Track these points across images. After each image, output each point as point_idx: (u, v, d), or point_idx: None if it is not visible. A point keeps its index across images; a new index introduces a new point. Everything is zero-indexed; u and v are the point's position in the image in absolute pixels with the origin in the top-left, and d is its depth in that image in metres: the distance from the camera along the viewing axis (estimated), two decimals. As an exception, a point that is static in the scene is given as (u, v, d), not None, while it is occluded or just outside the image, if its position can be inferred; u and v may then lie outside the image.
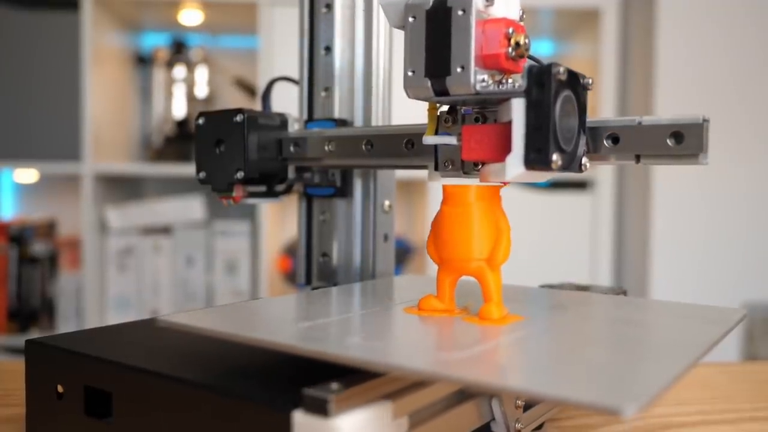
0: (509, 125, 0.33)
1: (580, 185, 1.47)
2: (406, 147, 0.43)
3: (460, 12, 0.34)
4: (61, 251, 1.54)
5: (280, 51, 1.43)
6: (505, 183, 0.36)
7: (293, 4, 0.60)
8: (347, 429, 0.26)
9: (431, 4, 0.35)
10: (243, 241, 1.52)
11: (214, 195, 0.49)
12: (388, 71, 0.51)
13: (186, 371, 0.32)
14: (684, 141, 0.34)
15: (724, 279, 1.37)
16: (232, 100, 1.65)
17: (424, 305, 0.38)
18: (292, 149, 0.48)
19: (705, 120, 0.34)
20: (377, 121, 0.51)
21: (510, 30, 0.34)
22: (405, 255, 1.52)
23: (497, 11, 0.34)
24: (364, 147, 0.45)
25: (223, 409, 0.30)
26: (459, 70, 0.34)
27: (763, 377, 0.56)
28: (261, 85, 1.41)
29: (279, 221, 1.60)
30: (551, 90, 0.32)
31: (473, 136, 0.35)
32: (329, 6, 0.51)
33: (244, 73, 1.61)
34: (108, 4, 1.46)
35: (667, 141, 0.34)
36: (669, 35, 1.37)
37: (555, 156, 0.32)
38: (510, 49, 0.34)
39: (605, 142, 0.36)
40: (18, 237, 1.46)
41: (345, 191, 0.51)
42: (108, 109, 1.50)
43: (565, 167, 0.33)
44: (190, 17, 1.55)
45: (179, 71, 1.60)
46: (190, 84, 1.61)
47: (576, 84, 0.34)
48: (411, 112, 0.48)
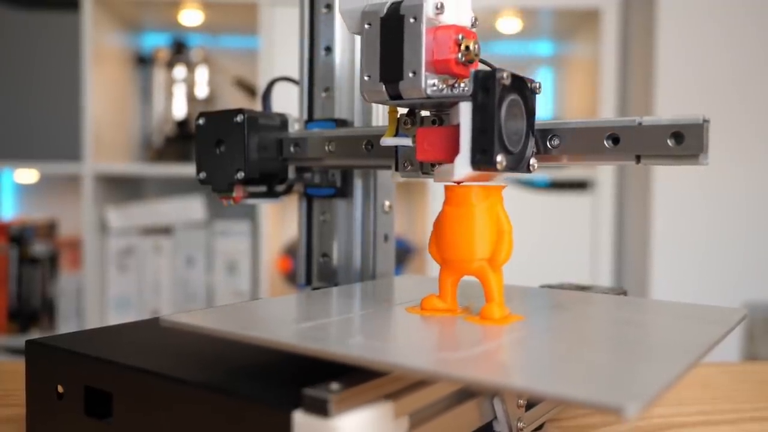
0: (459, 127, 0.34)
1: (580, 185, 1.47)
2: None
3: (411, 19, 0.35)
4: (62, 251, 1.54)
5: (280, 51, 1.43)
6: (459, 182, 0.37)
7: (293, 4, 0.60)
8: (347, 429, 0.27)
9: (385, 11, 0.36)
10: (243, 242, 1.52)
11: (214, 195, 0.49)
12: (388, 71, 0.51)
13: (186, 371, 0.32)
14: (684, 141, 0.34)
15: (724, 279, 1.37)
16: (232, 100, 1.65)
17: (426, 305, 0.38)
18: (292, 149, 0.48)
19: (705, 120, 0.34)
20: (377, 122, 0.51)
21: (460, 36, 0.35)
22: (405, 255, 1.52)
23: (448, 18, 0.36)
24: (364, 147, 0.45)
25: (223, 409, 0.30)
26: (411, 75, 0.35)
27: (764, 377, 0.56)
28: (261, 86, 1.41)
29: (279, 221, 1.60)
30: (495, 94, 0.33)
31: (427, 137, 0.37)
32: (329, 6, 0.51)
33: (244, 74, 1.61)
34: (108, 4, 1.46)
35: (668, 141, 0.34)
36: (669, 35, 1.37)
37: (500, 157, 0.34)
38: (460, 55, 0.35)
39: (605, 142, 0.36)
40: (18, 237, 1.46)
41: (345, 191, 0.51)
42: (108, 110, 1.50)
43: (512, 168, 0.35)
44: (190, 17, 1.55)
45: (179, 71, 1.60)
46: (190, 84, 1.61)
47: (523, 88, 0.35)
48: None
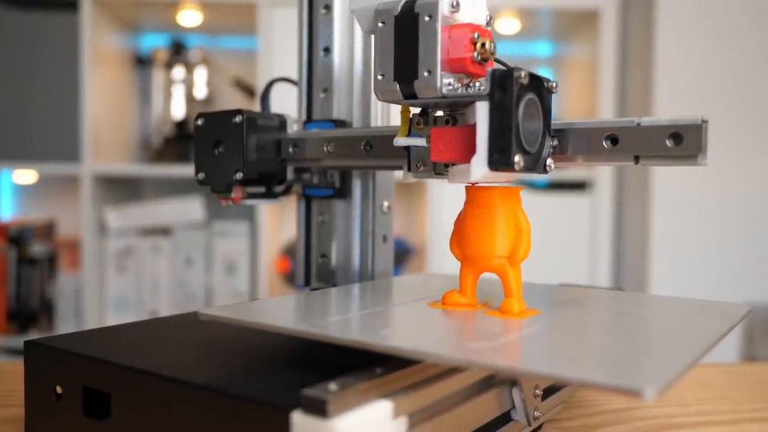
0: (475, 127, 0.34)
1: (579, 186, 1.47)
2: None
3: (426, 18, 0.35)
4: (61, 252, 1.54)
5: (279, 52, 1.43)
6: (474, 183, 0.37)
7: (292, 4, 0.60)
8: (346, 429, 0.27)
9: (399, 10, 0.36)
10: (242, 242, 1.52)
11: (213, 196, 0.49)
12: (387, 72, 0.51)
13: (185, 372, 0.32)
14: (683, 142, 0.34)
15: (723, 279, 1.37)
16: (231, 100, 1.65)
17: (447, 300, 0.40)
18: (291, 150, 0.48)
19: (704, 121, 0.34)
20: (376, 122, 0.51)
21: (475, 35, 0.35)
22: (404, 256, 1.52)
23: (463, 17, 0.35)
24: (363, 148, 0.45)
25: (222, 410, 0.30)
26: (426, 74, 0.35)
27: (763, 378, 0.57)
28: (260, 86, 1.41)
29: (278, 222, 1.60)
30: (513, 93, 0.33)
31: (441, 137, 0.37)
32: (328, 7, 0.51)
33: (243, 74, 1.61)
34: (107, 4, 1.46)
35: (666, 142, 0.34)
36: (668, 36, 1.37)
37: (517, 157, 0.33)
38: (476, 54, 0.35)
39: (604, 143, 0.36)
40: (17, 238, 1.46)
41: (344, 192, 0.51)
42: (107, 110, 1.50)
43: (529, 168, 0.35)
44: (189, 18, 1.55)
45: (178, 72, 1.60)
46: (189, 85, 1.61)
47: (540, 87, 0.35)
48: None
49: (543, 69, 1.72)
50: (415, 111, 0.40)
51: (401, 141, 0.40)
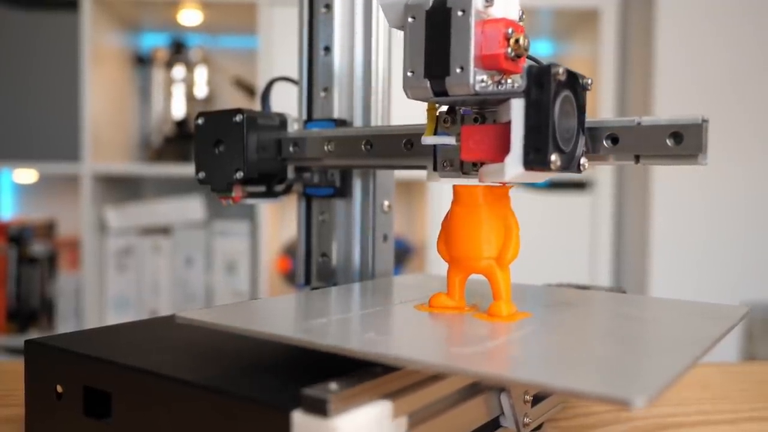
0: (508, 125, 0.33)
1: (579, 185, 1.47)
2: (405, 147, 0.43)
3: (459, 12, 0.34)
4: (61, 251, 1.54)
5: (279, 51, 1.43)
6: (504, 183, 0.36)
7: (293, 4, 0.60)
8: (346, 429, 0.26)
9: (431, 4, 0.35)
10: (242, 242, 1.51)
11: (213, 195, 0.49)
12: (387, 71, 0.51)
13: (185, 371, 0.32)
14: (683, 141, 0.34)
15: (723, 279, 1.37)
16: (231, 100, 1.65)
17: (434, 302, 0.39)
18: (291, 149, 0.48)
19: (704, 120, 0.34)
20: (377, 122, 0.51)
21: (509, 30, 0.34)
22: (404, 255, 1.52)
23: (497, 12, 0.34)
24: (363, 147, 0.45)
25: (223, 409, 0.30)
26: (458, 70, 0.34)
27: (763, 377, 0.57)
28: (260, 85, 1.41)
29: (278, 221, 1.60)
30: (551, 90, 0.32)
31: (472, 136, 0.35)
32: (329, 6, 0.51)
33: (243, 73, 1.61)
34: (107, 4, 1.46)
35: (667, 141, 0.34)
36: (668, 35, 1.37)
37: (554, 156, 0.32)
38: (509, 50, 0.34)
39: (604, 142, 0.36)
40: (17, 237, 1.46)
41: (344, 191, 0.51)
42: (107, 110, 1.50)
43: (564, 167, 0.34)
44: (189, 17, 1.55)
45: (178, 71, 1.60)
46: (189, 84, 1.61)
47: (575, 84, 0.34)
48: (410, 112, 0.48)
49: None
50: (442, 109, 0.39)
51: (429, 140, 0.39)
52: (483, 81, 0.34)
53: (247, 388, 0.30)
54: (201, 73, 1.62)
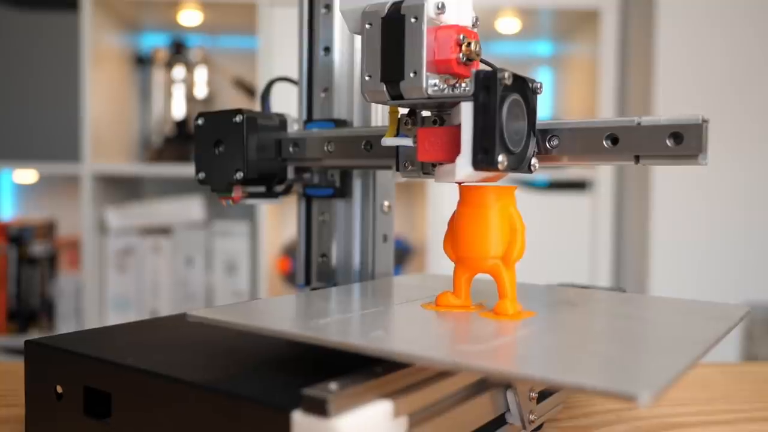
0: (461, 127, 0.34)
1: (579, 185, 1.47)
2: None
3: (413, 19, 0.35)
4: (61, 252, 1.54)
5: (279, 51, 1.43)
6: (460, 183, 0.37)
7: (293, 4, 0.60)
8: (346, 429, 0.26)
9: (386, 11, 0.36)
10: (242, 242, 1.52)
11: (213, 195, 0.49)
12: (387, 72, 0.51)
13: (185, 371, 0.32)
14: (683, 141, 0.34)
15: (723, 279, 1.37)
16: (231, 100, 1.65)
17: (441, 301, 0.39)
18: (291, 150, 0.48)
19: (704, 120, 0.34)
20: (376, 122, 0.51)
21: (461, 36, 0.35)
22: (404, 255, 1.52)
23: (449, 18, 0.36)
24: (363, 147, 0.45)
25: (223, 409, 0.30)
26: (412, 75, 0.35)
27: (763, 378, 0.57)
28: (260, 86, 1.41)
29: (278, 222, 1.60)
30: (497, 94, 0.33)
31: (427, 137, 0.37)
32: (328, 6, 0.51)
33: (243, 74, 1.61)
34: (108, 4, 1.46)
35: (667, 141, 0.34)
36: (668, 35, 1.37)
37: (501, 157, 0.34)
38: (461, 55, 0.35)
39: (604, 142, 0.36)
40: (17, 237, 1.46)
41: (344, 192, 0.51)
42: (107, 110, 1.50)
43: (513, 168, 0.35)
44: (189, 18, 1.55)
45: (178, 71, 1.60)
46: (189, 84, 1.61)
47: (525, 88, 0.35)
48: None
49: (543, 68, 1.72)
50: (404, 111, 0.40)
51: (389, 141, 0.40)
52: (436, 85, 0.35)
53: (247, 388, 0.30)
54: (201, 74, 1.62)
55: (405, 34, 0.35)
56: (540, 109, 0.37)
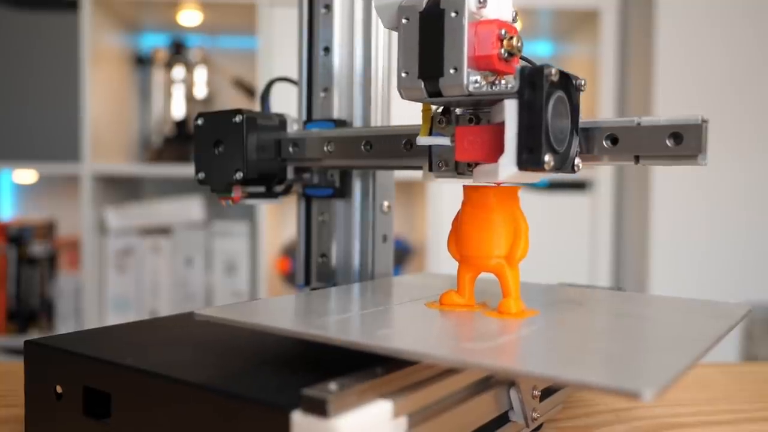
0: (502, 126, 0.33)
1: (579, 185, 1.47)
2: (405, 147, 0.43)
3: (452, 14, 0.34)
4: (60, 252, 1.54)
5: (279, 51, 1.43)
6: (499, 183, 0.37)
7: (292, 4, 0.60)
8: (346, 429, 0.26)
9: (424, 5, 0.35)
10: (242, 242, 1.52)
11: (213, 195, 0.49)
12: (387, 72, 0.51)
13: (185, 371, 0.32)
14: (683, 141, 0.34)
15: (723, 279, 1.37)
16: (231, 100, 1.65)
17: (445, 300, 0.40)
18: (291, 150, 0.48)
19: (704, 120, 0.34)
20: (376, 122, 0.51)
21: (502, 31, 0.34)
22: (404, 256, 1.52)
23: (490, 13, 0.35)
24: (363, 147, 0.45)
25: (222, 410, 0.30)
26: (452, 71, 0.34)
27: (763, 378, 0.56)
28: (260, 86, 1.41)
29: (278, 222, 1.60)
30: (543, 91, 0.32)
31: (466, 136, 0.36)
32: (328, 7, 0.51)
33: (243, 74, 1.61)
34: (107, 4, 1.46)
35: (666, 141, 0.34)
36: (668, 35, 1.37)
37: (547, 157, 0.32)
38: (502, 50, 0.34)
39: (604, 142, 0.36)
40: (17, 237, 1.46)
41: (344, 192, 0.51)
42: (107, 110, 1.50)
43: (558, 168, 0.34)
44: (189, 18, 1.55)
45: (178, 72, 1.60)
46: (189, 84, 1.61)
47: (568, 85, 0.34)
48: (410, 112, 0.48)
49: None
50: (437, 110, 0.39)
51: (424, 140, 0.39)
52: (476, 82, 0.34)
53: (247, 388, 0.30)
54: (201, 74, 1.62)
55: (444, 29, 0.34)
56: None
